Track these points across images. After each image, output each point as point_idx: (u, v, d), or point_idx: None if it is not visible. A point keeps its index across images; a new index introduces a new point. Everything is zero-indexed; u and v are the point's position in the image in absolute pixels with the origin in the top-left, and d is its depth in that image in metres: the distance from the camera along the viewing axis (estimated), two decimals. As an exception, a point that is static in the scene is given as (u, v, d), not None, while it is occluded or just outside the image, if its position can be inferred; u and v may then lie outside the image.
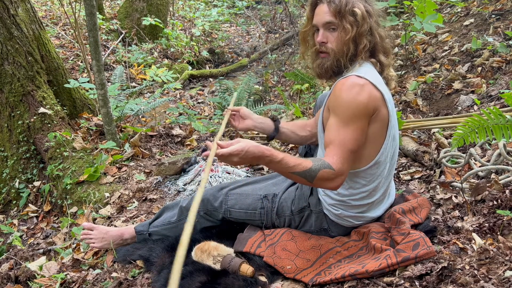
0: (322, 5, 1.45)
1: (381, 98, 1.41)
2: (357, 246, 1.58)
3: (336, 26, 1.43)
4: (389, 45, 1.53)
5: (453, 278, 1.24)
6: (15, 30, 2.87)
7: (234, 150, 1.31)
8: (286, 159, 1.35)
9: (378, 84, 1.41)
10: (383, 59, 1.49)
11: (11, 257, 2.21)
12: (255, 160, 1.36)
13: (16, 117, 2.93)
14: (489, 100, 2.45)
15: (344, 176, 1.38)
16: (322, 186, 1.41)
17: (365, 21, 1.42)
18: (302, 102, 3.73)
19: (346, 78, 1.41)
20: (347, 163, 1.38)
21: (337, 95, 1.40)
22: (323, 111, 1.54)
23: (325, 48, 1.47)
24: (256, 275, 1.53)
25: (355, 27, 1.41)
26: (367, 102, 1.37)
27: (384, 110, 1.43)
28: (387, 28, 1.55)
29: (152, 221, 1.91)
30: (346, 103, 1.37)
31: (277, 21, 7.68)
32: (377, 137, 1.46)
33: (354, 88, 1.37)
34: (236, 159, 1.33)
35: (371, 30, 1.45)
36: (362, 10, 1.41)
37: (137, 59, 5.58)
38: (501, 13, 3.30)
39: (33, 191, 2.94)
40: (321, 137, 1.59)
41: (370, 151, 1.48)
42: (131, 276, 1.75)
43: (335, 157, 1.36)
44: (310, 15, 1.51)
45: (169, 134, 3.34)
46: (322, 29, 1.46)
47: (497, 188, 1.63)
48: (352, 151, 1.39)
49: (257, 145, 1.34)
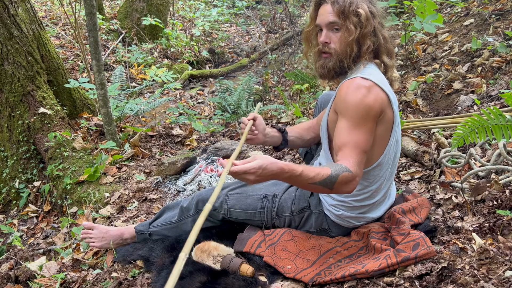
0: (326, 5, 1.44)
1: (387, 99, 1.41)
2: (357, 246, 1.58)
3: (340, 26, 1.42)
4: (392, 46, 1.53)
5: (453, 278, 1.24)
6: (15, 30, 2.87)
7: (250, 168, 1.21)
8: (306, 171, 1.28)
9: (384, 86, 1.40)
10: (386, 61, 1.48)
11: (11, 257, 2.21)
12: (274, 178, 1.27)
13: (16, 117, 2.93)
14: (489, 100, 2.45)
15: (359, 178, 1.35)
16: (340, 191, 1.35)
17: (369, 22, 1.41)
18: (302, 102, 3.73)
19: (351, 80, 1.40)
20: (362, 165, 1.37)
21: (344, 98, 1.39)
22: (328, 112, 1.53)
23: (328, 48, 1.46)
24: (256, 275, 1.53)
25: (359, 28, 1.40)
26: (374, 104, 1.36)
27: (390, 112, 1.43)
28: (388, 28, 1.55)
29: (153, 221, 1.91)
30: (355, 105, 1.36)
31: (277, 21, 7.68)
32: (382, 138, 1.46)
33: (360, 90, 1.36)
34: (253, 178, 1.23)
35: (375, 31, 1.44)
36: (366, 11, 1.40)
37: (137, 59, 5.58)
38: (501, 13, 3.30)
39: (33, 191, 2.94)
40: (324, 137, 1.58)
41: (374, 153, 1.48)
42: (131, 276, 1.75)
43: (351, 159, 1.34)
44: (314, 14, 1.50)
45: (169, 134, 3.34)
46: (325, 29, 1.45)
47: (497, 188, 1.63)
48: (365, 152, 1.38)
49: (275, 162, 1.25)
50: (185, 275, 1.57)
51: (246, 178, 1.24)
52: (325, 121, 1.57)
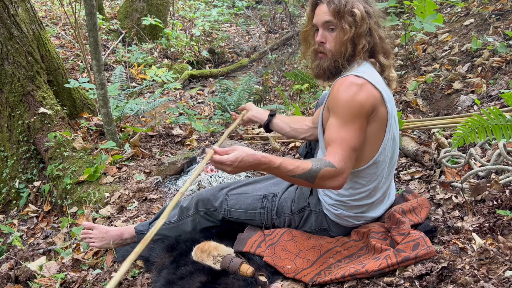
0: (322, 5, 1.46)
1: (379, 97, 1.41)
2: (357, 246, 1.58)
3: (335, 26, 1.44)
4: (389, 46, 1.53)
5: (453, 278, 1.24)
6: (15, 30, 2.87)
7: (226, 160, 1.28)
8: (284, 163, 1.33)
9: (377, 83, 1.41)
10: (382, 60, 1.49)
11: (11, 257, 2.21)
12: (252, 168, 1.34)
13: (16, 117, 2.93)
14: (489, 100, 2.45)
15: (345, 174, 1.37)
16: (323, 185, 1.39)
17: (364, 22, 1.42)
18: (302, 102, 3.73)
19: (344, 78, 1.41)
20: (349, 161, 1.38)
21: (336, 95, 1.41)
22: (323, 110, 1.55)
23: (323, 48, 1.48)
24: (256, 275, 1.53)
25: (354, 27, 1.41)
26: (365, 101, 1.37)
27: (383, 110, 1.43)
28: (387, 28, 1.55)
29: (152, 221, 1.91)
30: (345, 102, 1.37)
31: (277, 21, 7.69)
32: (376, 136, 1.46)
33: (352, 88, 1.37)
34: (229, 169, 1.30)
35: (370, 31, 1.45)
36: (361, 11, 1.41)
37: (137, 59, 5.58)
38: (501, 13, 3.31)
39: (33, 191, 2.94)
40: (320, 136, 1.59)
41: (368, 151, 1.48)
42: (131, 276, 1.75)
43: (336, 155, 1.36)
44: (311, 15, 1.52)
45: (169, 134, 3.34)
46: (321, 29, 1.47)
47: (497, 188, 1.63)
48: (354, 149, 1.38)
49: (253, 154, 1.31)
50: (185, 275, 1.57)
51: (223, 168, 1.31)
52: (320, 119, 1.58)
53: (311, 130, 1.86)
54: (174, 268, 1.64)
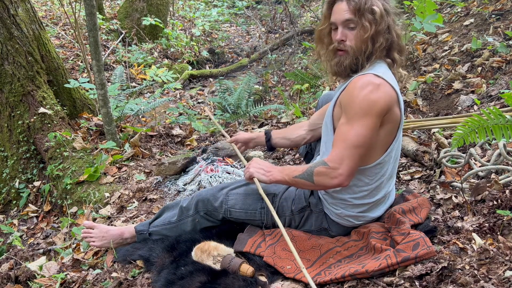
0: (340, 3, 1.45)
1: (395, 97, 1.42)
2: (357, 246, 1.58)
3: (355, 24, 1.43)
4: (403, 43, 1.53)
5: (453, 278, 1.24)
6: (15, 30, 2.87)
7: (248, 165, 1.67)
8: (290, 167, 1.52)
9: (395, 85, 1.43)
10: (397, 57, 1.50)
11: (11, 257, 2.21)
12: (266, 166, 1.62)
13: (16, 117, 2.93)
14: (489, 100, 2.45)
15: (342, 171, 1.39)
16: (323, 183, 1.43)
17: (383, 19, 1.42)
18: (302, 102, 3.73)
19: (362, 76, 1.41)
20: (348, 159, 1.38)
21: (351, 91, 1.41)
22: (334, 105, 1.54)
23: (343, 46, 1.47)
24: (256, 275, 1.53)
25: (374, 25, 1.41)
26: (380, 100, 1.38)
27: (397, 110, 1.44)
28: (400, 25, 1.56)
29: (152, 220, 1.91)
30: (357, 98, 1.38)
31: (277, 21, 7.68)
32: (387, 137, 1.47)
33: (368, 86, 1.38)
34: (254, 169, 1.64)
35: (389, 28, 1.45)
36: (381, 8, 1.41)
37: (137, 59, 5.58)
38: (501, 13, 3.30)
39: (33, 191, 2.94)
40: (329, 130, 1.58)
41: (377, 151, 1.48)
42: (131, 276, 1.75)
43: (333, 153, 1.39)
44: (327, 13, 1.51)
45: (169, 134, 3.34)
46: (341, 27, 1.46)
47: (497, 188, 1.63)
48: (356, 147, 1.38)
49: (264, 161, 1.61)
50: (185, 275, 1.57)
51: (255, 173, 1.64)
52: (330, 113, 1.57)
53: (310, 133, 1.88)
54: (174, 268, 1.64)
